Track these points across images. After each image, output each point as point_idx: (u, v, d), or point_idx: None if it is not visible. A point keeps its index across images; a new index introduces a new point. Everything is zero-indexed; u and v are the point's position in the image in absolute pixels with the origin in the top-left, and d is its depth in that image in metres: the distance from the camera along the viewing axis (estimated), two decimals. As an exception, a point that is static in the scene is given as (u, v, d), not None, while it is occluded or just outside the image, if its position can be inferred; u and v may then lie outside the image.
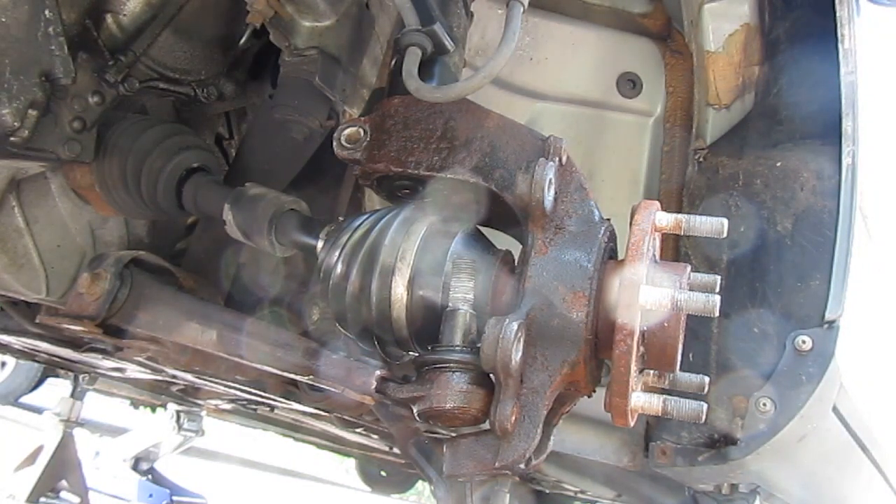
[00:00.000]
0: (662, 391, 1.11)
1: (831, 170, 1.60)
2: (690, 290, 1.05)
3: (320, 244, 1.28)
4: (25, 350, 2.83)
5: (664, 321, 1.02)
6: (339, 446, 5.57)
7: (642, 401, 1.01)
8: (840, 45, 1.56)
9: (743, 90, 1.74)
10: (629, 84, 1.93)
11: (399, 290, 1.14)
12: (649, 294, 0.99)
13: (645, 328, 1.01)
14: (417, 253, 1.15)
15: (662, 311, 1.00)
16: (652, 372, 1.12)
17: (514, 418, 0.99)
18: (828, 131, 1.59)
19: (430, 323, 1.14)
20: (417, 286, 1.14)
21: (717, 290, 1.01)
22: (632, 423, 1.07)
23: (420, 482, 7.77)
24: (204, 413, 5.37)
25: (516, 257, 1.16)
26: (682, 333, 1.04)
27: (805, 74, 1.69)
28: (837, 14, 1.55)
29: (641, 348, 1.02)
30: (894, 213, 1.87)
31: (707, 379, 1.13)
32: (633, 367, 0.99)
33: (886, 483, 2.60)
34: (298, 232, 1.36)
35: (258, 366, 1.40)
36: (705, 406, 1.05)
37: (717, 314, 0.99)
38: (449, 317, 1.11)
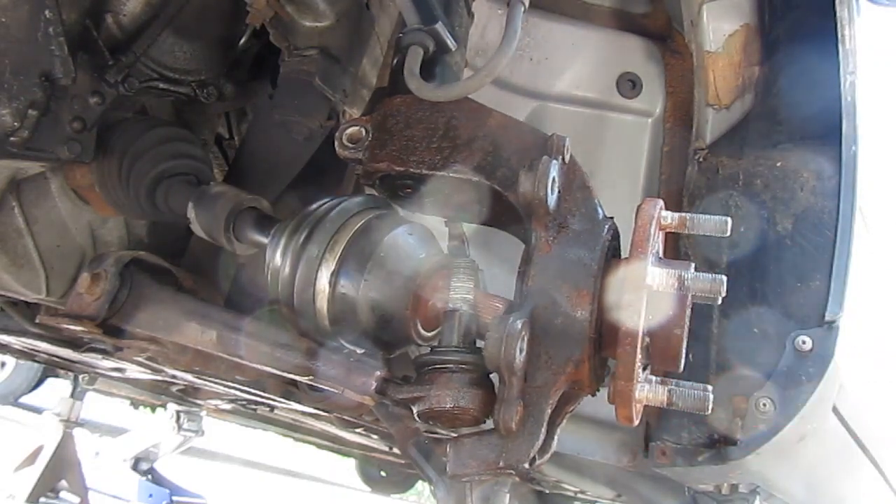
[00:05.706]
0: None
1: (831, 170, 1.60)
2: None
3: (268, 241, 1.30)
4: (25, 350, 2.83)
5: (668, 318, 1.01)
6: (339, 446, 5.57)
7: (647, 391, 1.01)
8: (840, 46, 1.55)
9: (743, 90, 1.74)
10: (629, 84, 1.93)
11: (322, 282, 1.17)
12: (656, 274, 0.99)
13: (649, 325, 1.01)
14: (347, 246, 1.18)
15: (670, 290, 0.99)
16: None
17: (518, 417, 0.99)
18: (828, 131, 1.59)
19: (350, 316, 1.19)
20: (342, 278, 1.18)
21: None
22: (636, 421, 1.07)
23: (420, 482, 7.76)
24: (204, 413, 5.37)
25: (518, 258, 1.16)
26: (686, 330, 1.04)
27: (805, 75, 1.69)
28: (837, 14, 1.55)
29: (646, 339, 1.01)
30: (894, 212, 1.87)
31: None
32: (638, 364, 0.99)
33: (886, 483, 2.60)
34: (254, 230, 1.38)
35: (258, 366, 1.40)
36: (710, 392, 1.04)
37: (724, 294, 0.99)
38: (448, 317, 1.11)
